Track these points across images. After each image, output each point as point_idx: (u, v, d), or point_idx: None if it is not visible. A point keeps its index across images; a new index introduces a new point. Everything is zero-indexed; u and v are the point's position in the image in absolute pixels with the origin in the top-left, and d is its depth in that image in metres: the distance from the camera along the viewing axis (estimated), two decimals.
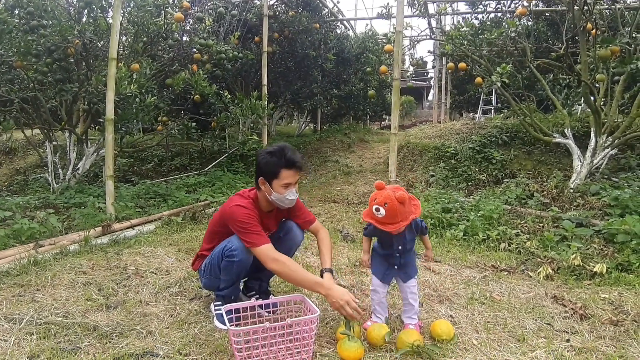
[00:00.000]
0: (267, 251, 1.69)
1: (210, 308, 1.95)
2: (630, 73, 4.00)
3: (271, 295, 2.01)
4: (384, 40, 7.95)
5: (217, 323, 1.82)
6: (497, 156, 5.85)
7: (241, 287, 2.05)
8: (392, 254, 1.74)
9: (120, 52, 5.35)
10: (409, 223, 1.62)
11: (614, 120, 4.55)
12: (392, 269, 1.75)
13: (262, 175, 1.78)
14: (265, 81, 5.92)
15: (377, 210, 1.60)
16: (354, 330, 1.62)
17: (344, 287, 2.28)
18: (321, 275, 1.79)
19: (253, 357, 1.51)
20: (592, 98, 4.34)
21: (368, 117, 11.10)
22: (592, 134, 4.48)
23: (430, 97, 18.40)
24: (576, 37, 4.70)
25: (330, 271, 1.80)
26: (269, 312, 1.89)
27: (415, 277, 1.77)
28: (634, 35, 4.11)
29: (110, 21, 4.24)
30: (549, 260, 2.67)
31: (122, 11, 4.88)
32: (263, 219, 1.86)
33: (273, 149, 1.78)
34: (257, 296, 2.03)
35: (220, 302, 1.87)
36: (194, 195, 4.70)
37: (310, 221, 1.97)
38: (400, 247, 1.72)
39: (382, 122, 14.03)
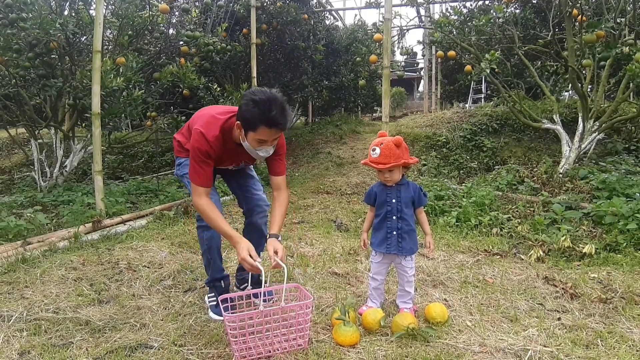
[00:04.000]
0: (199, 192, 1.65)
1: (204, 300, 1.94)
2: (615, 57, 4.04)
3: (264, 285, 2.01)
4: (373, 30, 7.90)
5: (211, 314, 1.81)
6: (488, 144, 5.90)
7: (232, 282, 2.03)
8: (390, 211, 1.71)
9: (105, 46, 5.21)
10: (400, 164, 1.65)
11: (601, 105, 4.62)
12: (391, 236, 1.72)
13: (240, 121, 1.60)
14: (254, 73, 5.84)
15: (374, 150, 1.67)
16: (349, 316, 1.62)
17: (338, 274, 2.28)
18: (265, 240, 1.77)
19: (249, 343, 1.51)
20: (579, 83, 4.38)
21: (359, 109, 11.07)
22: (580, 119, 4.55)
23: (420, 88, 18.43)
24: (563, 24, 4.74)
25: (277, 237, 1.72)
26: (264, 301, 1.89)
27: (413, 259, 1.76)
28: (618, 20, 4.15)
29: (93, 13, 4.11)
30: (540, 243, 2.72)
31: (105, 3, 4.75)
32: (231, 151, 1.74)
33: (260, 98, 1.52)
34: (250, 287, 2.02)
35: (213, 294, 1.87)
36: (186, 190, 4.65)
37: (280, 172, 1.83)
38: (394, 202, 1.71)
39: (374, 114, 14.04)
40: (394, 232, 1.72)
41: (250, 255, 1.56)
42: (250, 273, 2.03)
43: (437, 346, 1.55)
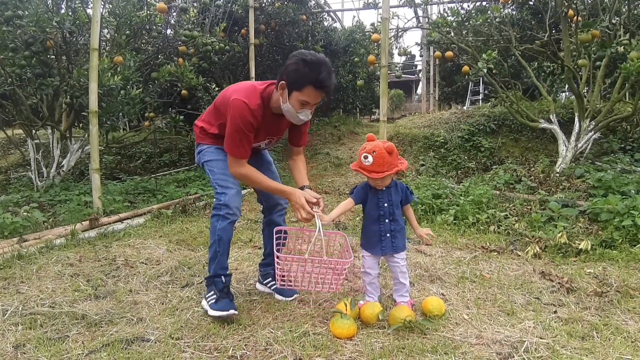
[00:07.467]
0: (238, 162, 1.68)
1: (202, 303, 1.81)
2: (610, 57, 4.08)
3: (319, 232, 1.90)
4: (371, 31, 7.94)
5: (212, 312, 1.70)
6: (486, 144, 5.93)
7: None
8: (382, 215, 1.72)
9: (103, 45, 5.22)
10: (393, 173, 1.65)
11: (596, 105, 4.66)
12: (385, 238, 1.73)
13: (285, 80, 1.59)
14: (253, 74, 5.86)
15: (365, 157, 1.63)
16: (348, 309, 1.63)
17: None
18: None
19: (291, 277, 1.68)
20: (575, 83, 4.42)
21: (358, 110, 11.10)
22: (576, 119, 4.58)
23: (419, 91, 18.51)
24: (559, 26, 4.78)
25: (309, 187, 1.85)
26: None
27: (404, 252, 1.78)
28: (613, 21, 4.19)
29: (90, 12, 4.12)
30: (537, 240, 2.73)
31: (102, 2, 4.77)
32: (268, 122, 1.72)
33: (310, 58, 1.54)
34: (274, 283, 1.97)
35: (212, 292, 1.78)
36: (184, 189, 4.65)
37: (303, 143, 1.93)
38: (387, 205, 1.72)
39: (372, 116, 14.09)
40: (388, 235, 1.73)
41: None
42: (273, 270, 1.96)
43: (434, 338, 1.55)
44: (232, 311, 1.67)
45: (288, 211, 2.07)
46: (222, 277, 1.79)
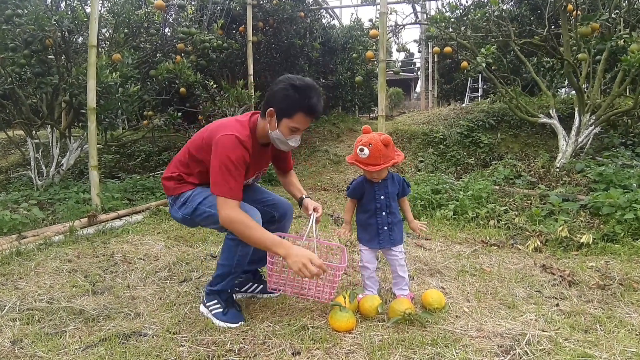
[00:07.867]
0: (231, 204, 1.46)
1: (202, 311, 1.69)
2: (610, 50, 4.05)
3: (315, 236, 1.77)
4: (369, 28, 7.91)
5: (220, 323, 1.60)
6: (485, 140, 5.91)
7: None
8: (379, 208, 1.70)
9: (102, 45, 5.21)
10: (390, 165, 1.63)
11: (596, 100, 4.63)
12: (382, 231, 1.71)
13: (274, 107, 1.52)
14: (251, 71, 5.84)
15: (362, 150, 1.61)
16: (346, 301, 1.61)
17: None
18: (301, 202, 1.78)
19: (282, 280, 1.65)
20: (575, 77, 4.39)
21: (356, 108, 11.07)
22: (576, 114, 4.55)
23: (418, 89, 18.47)
24: (558, 21, 4.75)
25: (308, 197, 1.81)
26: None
27: (402, 245, 1.76)
28: (613, 15, 4.17)
29: (89, 10, 4.11)
30: (538, 234, 2.71)
31: (100, 0, 4.75)
32: (257, 155, 1.62)
33: (299, 83, 1.50)
34: (257, 286, 1.90)
35: (216, 302, 1.64)
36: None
37: (291, 165, 1.93)
38: (383, 198, 1.70)
39: (371, 114, 14.07)
40: (385, 228, 1.71)
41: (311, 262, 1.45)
42: (254, 274, 1.92)
43: (434, 331, 1.54)
44: (241, 323, 1.62)
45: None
46: (228, 289, 1.69)
